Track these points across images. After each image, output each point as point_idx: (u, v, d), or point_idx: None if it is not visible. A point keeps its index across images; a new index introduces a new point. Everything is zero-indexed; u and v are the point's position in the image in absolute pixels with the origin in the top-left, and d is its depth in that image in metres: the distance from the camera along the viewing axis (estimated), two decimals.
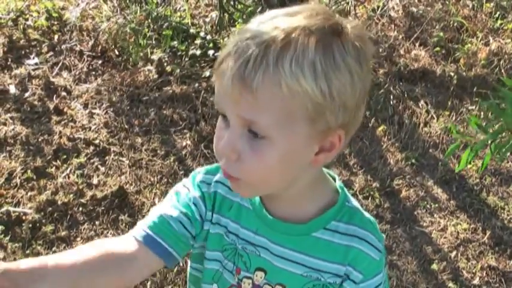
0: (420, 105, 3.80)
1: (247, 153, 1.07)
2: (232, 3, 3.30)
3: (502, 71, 4.07)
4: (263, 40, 1.01)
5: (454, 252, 2.97)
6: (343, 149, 1.19)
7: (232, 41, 1.05)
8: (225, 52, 1.06)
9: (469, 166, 3.38)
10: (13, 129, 3.30)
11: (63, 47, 3.92)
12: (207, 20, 4.25)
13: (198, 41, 4.02)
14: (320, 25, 1.03)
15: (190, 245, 1.24)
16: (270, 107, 1.01)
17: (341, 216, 1.22)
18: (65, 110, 3.48)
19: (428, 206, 3.19)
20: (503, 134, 1.85)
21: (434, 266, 2.89)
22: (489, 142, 1.86)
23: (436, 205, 3.20)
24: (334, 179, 1.26)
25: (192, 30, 4.13)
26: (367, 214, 1.26)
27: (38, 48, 3.91)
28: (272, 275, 1.25)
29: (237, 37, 1.05)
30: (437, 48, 4.26)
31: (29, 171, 3.08)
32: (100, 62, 3.88)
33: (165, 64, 3.85)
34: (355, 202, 1.26)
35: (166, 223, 1.19)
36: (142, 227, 1.18)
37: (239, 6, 3.66)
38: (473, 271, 2.91)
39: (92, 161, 3.21)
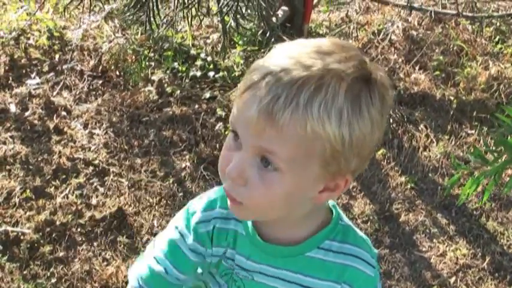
0: (420, 129, 3.81)
1: (256, 181, 1.08)
2: (235, 26, 3.32)
3: (502, 95, 4.08)
4: (296, 78, 1.01)
5: (454, 278, 2.96)
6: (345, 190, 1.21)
7: (261, 70, 1.05)
8: (250, 80, 1.05)
9: (468, 189, 3.37)
10: (13, 148, 3.30)
11: (64, 66, 3.93)
12: (208, 41, 4.27)
13: (198, 62, 4.03)
14: (352, 72, 1.04)
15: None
16: (291, 143, 1.03)
17: (335, 235, 1.24)
18: (64, 129, 3.48)
19: (427, 230, 3.18)
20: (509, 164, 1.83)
21: None
22: (493, 176, 1.85)
23: (436, 230, 3.19)
24: None
25: (192, 52, 4.13)
26: (359, 232, 1.29)
27: (39, 68, 3.92)
28: None
29: (265, 65, 1.05)
30: (437, 72, 4.27)
31: (28, 190, 3.08)
32: (100, 82, 3.89)
33: (166, 85, 3.85)
34: (346, 220, 1.29)
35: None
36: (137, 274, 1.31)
37: (240, 29, 3.69)
38: None
39: (91, 181, 3.20)
